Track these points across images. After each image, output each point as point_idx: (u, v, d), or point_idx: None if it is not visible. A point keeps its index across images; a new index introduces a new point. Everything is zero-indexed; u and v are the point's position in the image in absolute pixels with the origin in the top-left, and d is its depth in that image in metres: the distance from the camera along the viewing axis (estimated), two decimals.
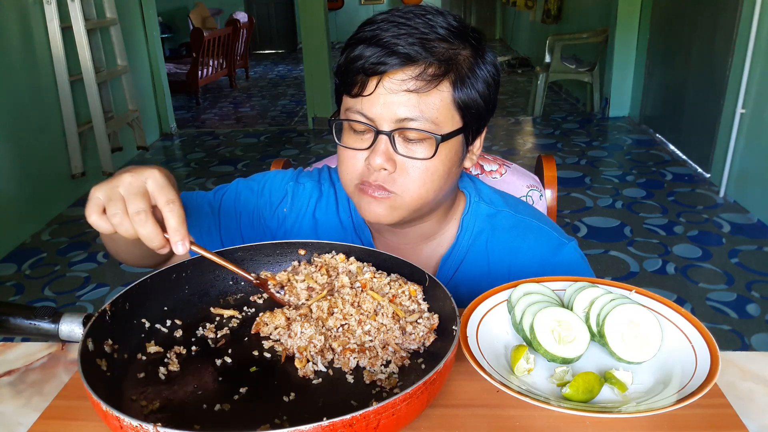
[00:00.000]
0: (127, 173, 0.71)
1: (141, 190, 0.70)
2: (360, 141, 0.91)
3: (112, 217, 0.69)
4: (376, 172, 0.89)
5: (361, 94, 0.88)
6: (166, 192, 0.71)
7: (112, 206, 0.69)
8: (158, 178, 0.71)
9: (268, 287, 0.81)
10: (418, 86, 0.85)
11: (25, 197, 3.77)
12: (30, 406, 0.75)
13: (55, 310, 0.73)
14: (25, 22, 3.91)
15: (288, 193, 1.09)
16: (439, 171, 0.91)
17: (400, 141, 0.88)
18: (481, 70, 0.90)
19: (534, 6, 8.48)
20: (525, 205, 1.12)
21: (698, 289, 2.97)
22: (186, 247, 0.70)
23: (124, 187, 0.70)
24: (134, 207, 0.69)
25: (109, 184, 0.71)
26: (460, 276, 1.03)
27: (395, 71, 0.85)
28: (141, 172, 0.71)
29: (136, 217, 0.69)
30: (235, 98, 7.97)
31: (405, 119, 0.86)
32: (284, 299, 0.80)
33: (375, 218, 0.93)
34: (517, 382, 0.67)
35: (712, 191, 4.12)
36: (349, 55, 0.88)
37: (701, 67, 4.52)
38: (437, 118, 0.87)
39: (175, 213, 0.70)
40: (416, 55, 0.85)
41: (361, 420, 0.54)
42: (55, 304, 3.03)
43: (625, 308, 0.73)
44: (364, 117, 0.88)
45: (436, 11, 0.90)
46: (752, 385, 0.75)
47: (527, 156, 5.14)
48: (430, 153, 0.88)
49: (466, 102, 0.89)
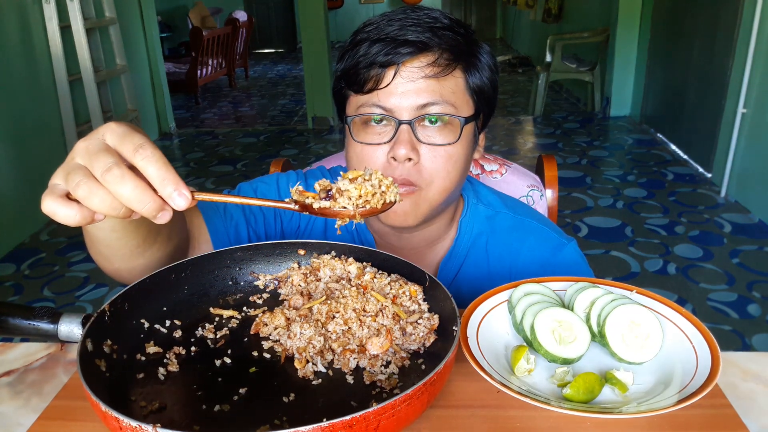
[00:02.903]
0: (79, 142, 0.56)
1: (101, 146, 0.54)
2: (378, 135, 0.90)
3: (77, 189, 0.53)
4: (401, 165, 0.88)
5: (377, 88, 0.87)
6: (131, 137, 0.54)
7: (73, 178, 0.53)
8: (116, 128, 0.56)
9: (312, 206, 0.64)
10: (435, 72, 0.86)
11: (23, 197, 3.77)
12: (29, 406, 0.75)
13: (54, 311, 0.73)
14: (23, 21, 3.91)
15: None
16: (461, 158, 0.91)
17: (421, 130, 0.88)
18: (483, 57, 0.92)
19: (535, 5, 8.47)
20: (523, 206, 1.12)
21: (699, 289, 2.97)
22: (186, 196, 0.55)
23: (80, 155, 0.55)
24: (100, 165, 0.53)
25: (65, 163, 0.56)
26: (460, 278, 1.03)
27: (411, 59, 0.86)
28: (95, 131, 0.57)
29: (107, 175, 0.52)
30: (234, 98, 7.97)
31: (426, 104, 0.87)
32: (337, 208, 0.63)
33: (398, 219, 0.91)
34: (518, 383, 0.67)
35: (714, 191, 4.12)
36: (355, 55, 0.88)
37: (702, 67, 4.51)
38: (456, 102, 0.88)
39: (153, 158, 0.54)
40: (430, 41, 0.86)
41: (361, 421, 0.54)
42: (54, 305, 3.03)
43: (625, 308, 0.73)
44: (381, 109, 0.88)
45: (429, 9, 0.92)
46: (753, 385, 0.75)
47: (528, 156, 5.14)
48: (453, 138, 0.89)
49: (479, 86, 0.91)
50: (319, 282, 0.81)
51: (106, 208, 0.54)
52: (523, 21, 9.74)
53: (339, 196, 0.61)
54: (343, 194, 0.61)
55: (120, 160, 0.54)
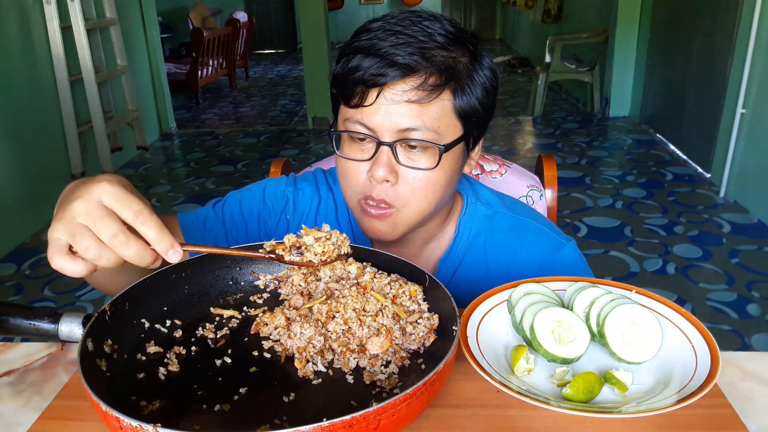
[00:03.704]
0: (76, 200, 0.61)
1: (102, 211, 0.61)
2: (361, 152, 0.90)
3: (87, 252, 0.61)
4: (378, 185, 0.89)
5: (362, 105, 0.87)
6: (129, 203, 0.62)
7: (82, 241, 0.61)
8: (111, 189, 0.62)
9: (284, 258, 0.75)
10: (419, 96, 0.85)
11: (24, 197, 3.77)
12: (30, 406, 0.75)
13: (55, 311, 0.73)
14: (24, 21, 3.91)
15: (289, 199, 1.08)
16: (441, 182, 0.90)
17: (402, 152, 0.88)
18: (479, 76, 0.90)
19: (534, 6, 8.48)
20: (522, 206, 1.12)
21: (698, 289, 2.97)
22: (179, 252, 0.64)
23: (81, 216, 0.61)
24: (107, 232, 0.60)
25: (63, 219, 0.61)
26: (458, 278, 1.03)
27: (396, 82, 0.84)
28: (89, 190, 0.62)
29: (114, 241, 0.60)
30: (234, 98, 7.97)
31: (407, 129, 0.86)
32: (305, 260, 0.75)
33: (376, 236, 0.93)
34: (517, 383, 0.67)
35: (713, 191, 4.12)
36: (347, 66, 0.87)
37: (702, 67, 4.51)
38: (439, 127, 0.87)
39: (150, 223, 0.62)
40: (416, 65, 0.84)
41: (361, 420, 0.54)
42: (55, 304, 3.03)
43: (625, 308, 0.73)
44: (364, 127, 0.88)
45: (432, 17, 0.89)
46: (752, 385, 0.75)
47: (527, 156, 5.14)
48: (432, 163, 0.88)
49: (467, 110, 0.89)
50: (319, 282, 0.81)
51: (112, 263, 0.62)
52: (523, 21, 9.75)
53: (306, 251, 0.75)
54: (309, 250, 0.76)
55: (122, 225, 0.61)
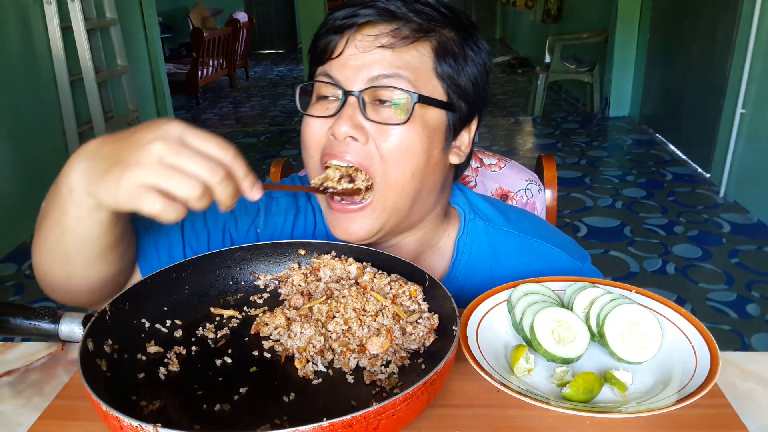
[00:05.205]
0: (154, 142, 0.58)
1: (192, 150, 0.58)
2: (326, 109, 0.80)
3: (191, 191, 0.57)
4: (341, 143, 0.78)
5: (330, 58, 0.79)
6: (213, 140, 0.61)
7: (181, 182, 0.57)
8: (188, 129, 0.60)
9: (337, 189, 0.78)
10: (393, 42, 0.77)
11: (25, 197, 3.77)
12: (30, 406, 0.75)
13: (55, 311, 0.73)
14: (25, 22, 3.91)
15: (260, 209, 0.96)
16: (416, 148, 0.79)
17: (371, 107, 0.78)
18: (470, 50, 0.83)
19: (534, 6, 8.48)
20: (527, 219, 1.02)
21: (698, 289, 2.97)
22: (261, 190, 0.63)
23: (171, 156, 0.58)
24: (206, 170, 0.58)
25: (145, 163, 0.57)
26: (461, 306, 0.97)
27: (367, 25, 0.77)
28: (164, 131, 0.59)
29: (215, 178, 0.58)
30: (235, 98, 7.97)
31: (378, 77, 0.77)
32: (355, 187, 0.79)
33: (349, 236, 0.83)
34: (517, 382, 0.67)
35: (712, 191, 4.12)
36: (322, 24, 0.82)
37: (701, 67, 4.52)
38: (416, 79, 0.78)
39: (240, 158, 0.61)
40: (396, 10, 0.77)
41: (361, 420, 0.54)
42: (55, 305, 3.03)
43: (625, 308, 0.73)
44: (330, 79, 0.79)
45: None
46: (752, 385, 0.75)
47: (527, 156, 5.14)
48: (405, 117, 0.78)
49: (452, 76, 0.80)
50: (319, 282, 0.81)
51: (204, 206, 0.59)
52: (523, 22, 9.75)
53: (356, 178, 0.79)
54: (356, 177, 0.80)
55: (223, 169, 0.59)
